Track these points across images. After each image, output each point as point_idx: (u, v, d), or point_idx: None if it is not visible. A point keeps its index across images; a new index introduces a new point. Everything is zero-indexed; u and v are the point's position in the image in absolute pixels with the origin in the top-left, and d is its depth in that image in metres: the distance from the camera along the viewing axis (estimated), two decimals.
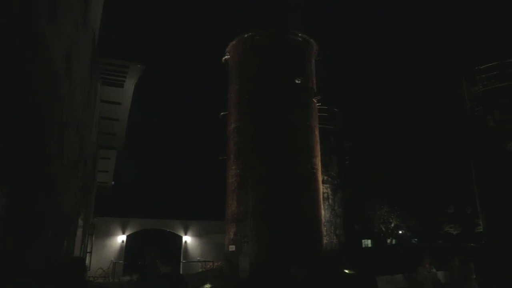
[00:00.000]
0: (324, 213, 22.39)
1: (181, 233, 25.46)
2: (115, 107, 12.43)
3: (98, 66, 9.32)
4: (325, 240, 22.29)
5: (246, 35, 18.37)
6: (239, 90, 17.93)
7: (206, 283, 15.05)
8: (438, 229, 32.97)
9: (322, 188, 22.34)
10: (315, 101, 17.93)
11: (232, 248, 16.21)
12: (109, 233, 23.53)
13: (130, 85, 11.31)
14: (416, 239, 33.65)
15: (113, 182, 23.73)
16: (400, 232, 33.46)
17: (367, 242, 32.73)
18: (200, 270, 21.81)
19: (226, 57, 19.50)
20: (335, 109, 24.58)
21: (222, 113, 19.14)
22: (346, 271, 16.65)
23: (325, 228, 22.47)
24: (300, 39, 18.25)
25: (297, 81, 17.06)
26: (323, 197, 22.70)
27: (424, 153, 32.08)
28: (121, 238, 23.85)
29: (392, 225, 32.64)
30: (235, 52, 18.92)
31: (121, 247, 23.67)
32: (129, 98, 12.07)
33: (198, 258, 23.95)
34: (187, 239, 25.38)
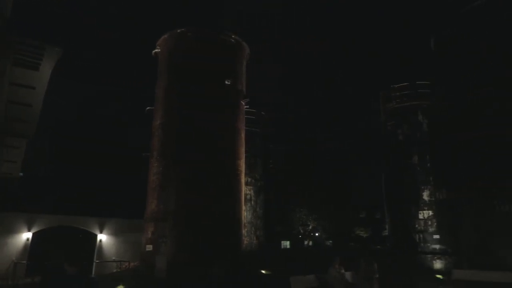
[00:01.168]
0: (246, 214, 22.76)
1: (96, 231, 23.99)
2: (28, 92, 11.32)
3: (6, 45, 8.43)
4: (245, 240, 22.66)
5: (179, 31, 18.00)
6: (167, 85, 17.50)
7: (119, 284, 14.40)
8: (351, 232, 35.37)
9: (245, 190, 22.71)
10: (243, 103, 18.16)
11: (149, 247, 15.71)
12: (11, 230, 21.27)
13: (46, 68, 10.41)
14: (330, 241, 35.69)
15: (21, 174, 21.55)
16: (317, 234, 35.25)
17: (286, 243, 33.84)
18: (115, 270, 20.76)
19: (156, 50, 18.91)
20: (263, 113, 25.15)
21: (148, 108, 18.49)
22: (263, 271, 17.09)
23: (246, 229, 22.84)
24: (233, 40, 18.37)
25: (226, 82, 17.14)
26: (246, 198, 23.08)
27: (343, 160, 34.21)
28: (26, 236, 21.71)
29: (310, 227, 34.28)
30: (166, 47, 18.43)
31: (26, 245, 21.54)
32: (45, 83, 11.08)
33: (114, 258, 22.75)
34: (103, 237, 23.97)
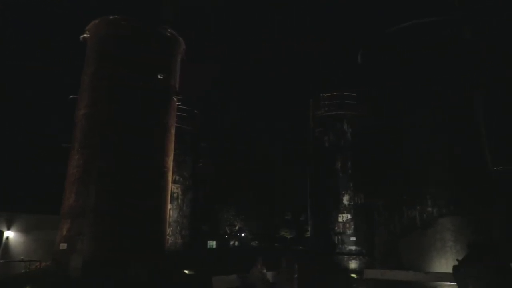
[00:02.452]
0: (172, 213, 22.26)
1: (3, 228, 21.77)
2: None
3: None
4: (170, 240, 22.16)
5: (111, 17, 17.06)
6: (95, 74, 16.47)
7: (25, 286, 13.22)
8: (276, 233, 36.40)
9: (173, 188, 22.22)
10: (176, 99, 17.76)
11: (63, 246, 14.60)
12: None
13: None
14: (256, 242, 36.37)
15: None
16: (243, 234, 35.71)
17: (212, 243, 33.77)
18: (23, 271, 18.99)
19: (85, 35, 17.70)
20: (196, 111, 24.84)
21: (72, 96, 17.23)
22: (186, 271, 16.85)
23: (171, 228, 22.34)
24: (168, 34, 17.88)
25: (159, 76, 16.62)
26: (173, 196, 22.57)
27: (272, 162, 35.08)
28: None
29: (237, 227, 34.62)
30: (96, 33, 17.34)
31: None
32: None
33: (22, 258, 20.80)
34: (10, 234, 21.83)
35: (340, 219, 21.49)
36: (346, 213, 21.52)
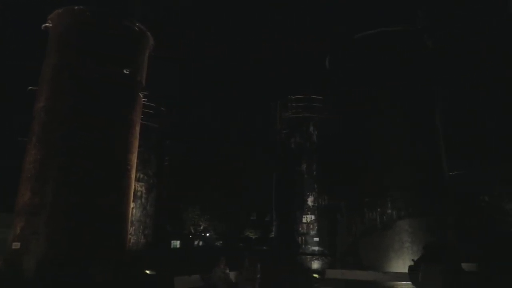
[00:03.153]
0: (135, 211, 21.73)
1: None
2: None
3: None
4: (132, 239, 21.63)
5: (76, 7, 16.41)
6: (56, 65, 15.77)
7: None
8: (241, 233, 36.42)
9: (137, 186, 21.69)
10: (142, 96, 17.35)
11: (16, 245, 13.86)
12: None
13: None
14: (220, 242, 36.23)
15: None
16: (208, 234, 35.47)
17: (176, 243, 33.34)
18: None
19: (47, 24, 16.93)
20: (162, 108, 24.39)
21: (30, 87, 16.42)
22: (147, 271, 16.51)
23: (133, 227, 21.81)
24: (136, 28, 17.44)
25: (125, 71, 16.17)
26: (136, 195, 22.03)
27: (239, 162, 35.06)
28: None
29: (202, 227, 34.34)
30: (59, 23, 16.61)
31: None
32: None
33: None
34: None
35: (304, 220, 21.82)
36: (310, 214, 21.87)
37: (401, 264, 14.96)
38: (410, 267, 11.15)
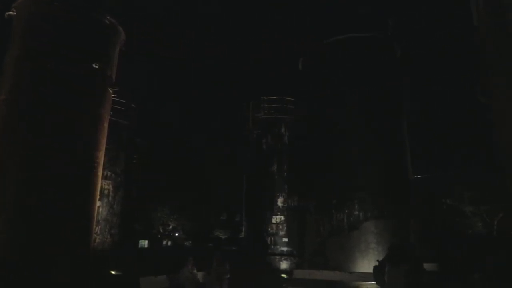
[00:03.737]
0: (101, 210, 21.17)
1: None
2: None
3: None
4: (97, 239, 21.07)
5: None
6: (20, 57, 15.05)
7: None
8: (210, 233, 36.14)
9: (104, 184, 21.13)
10: (111, 91, 16.86)
11: None
12: None
13: None
14: (189, 242, 35.83)
15: None
16: (177, 234, 34.98)
17: (144, 243, 32.70)
18: None
19: (11, 13, 16.12)
20: (133, 105, 23.87)
21: None
22: (113, 272, 16.09)
23: (99, 227, 21.25)
24: (107, 22, 16.93)
25: (94, 66, 15.65)
26: (103, 193, 21.47)
27: (210, 161, 34.81)
28: None
29: (171, 227, 33.83)
30: (24, 11, 15.86)
31: None
32: None
33: None
34: None
35: (273, 221, 21.97)
36: (280, 215, 22.05)
37: (367, 264, 15.32)
38: (374, 267, 11.43)
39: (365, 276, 14.65)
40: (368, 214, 16.43)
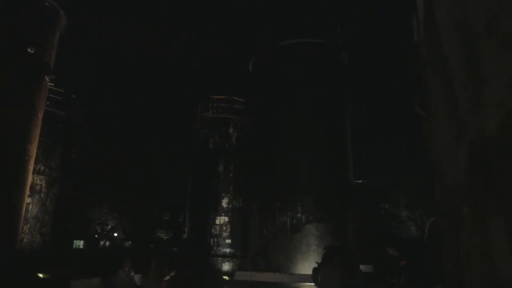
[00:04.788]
0: (31, 207, 19.63)
1: None
2: None
3: None
4: (25, 238, 19.53)
5: None
6: None
7: None
8: (152, 234, 35.03)
9: (36, 179, 19.64)
10: (48, 79, 15.68)
11: None
12: None
13: None
14: (129, 242, 34.47)
15: None
16: (116, 234, 33.46)
17: (79, 243, 30.97)
18: None
19: None
20: (73, 96, 22.44)
21: None
22: (40, 274, 14.91)
23: (28, 225, 19.67)
24: (47, 4, 15.74)
25: (29, 50, 14.45)
26: (35, 190, 19.95)
27: (154, 160, 33.77)
28: None
29: (109, 227, 32.29)
30: None
31: None
32: None
33: None
34: None
35: (217, 222, 21.73)
36: (224, 216, 21.85)
37: (307, 266, 15.57)
38: (313, 269, 11.62)
39: (305, 278, 14.87)
40: (310, 217, 16.74)
